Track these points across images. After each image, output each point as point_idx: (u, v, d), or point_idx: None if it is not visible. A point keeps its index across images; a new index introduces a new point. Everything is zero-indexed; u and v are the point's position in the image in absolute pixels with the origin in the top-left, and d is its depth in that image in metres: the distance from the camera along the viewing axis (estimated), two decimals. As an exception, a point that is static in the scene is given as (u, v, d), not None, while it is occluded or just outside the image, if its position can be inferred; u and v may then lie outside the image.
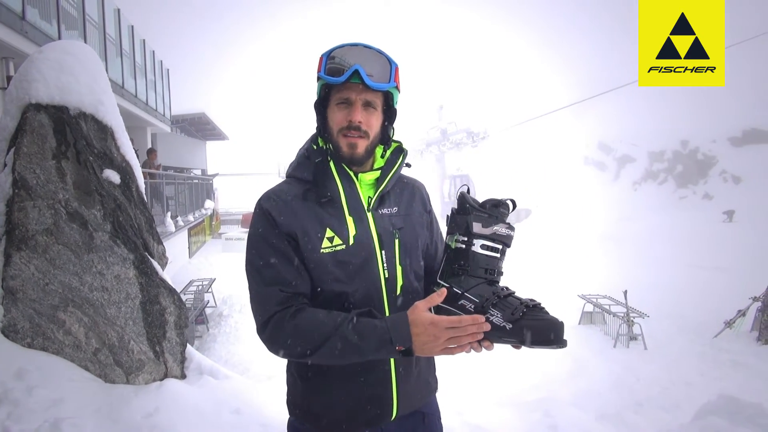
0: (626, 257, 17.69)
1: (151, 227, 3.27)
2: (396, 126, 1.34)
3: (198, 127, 23.20)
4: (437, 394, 1.44)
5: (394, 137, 1.35)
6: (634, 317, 8.64)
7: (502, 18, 71.01)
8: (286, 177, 1.34)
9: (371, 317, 1.14)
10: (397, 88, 1.27)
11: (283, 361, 1.32)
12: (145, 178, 3.68)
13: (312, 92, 1.30)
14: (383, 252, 1.24)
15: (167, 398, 2.83)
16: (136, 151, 3.46)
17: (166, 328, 3.09)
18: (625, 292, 8.87)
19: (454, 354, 1.11)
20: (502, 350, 1.17)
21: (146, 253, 3.08)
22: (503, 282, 1.20)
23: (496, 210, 1.18)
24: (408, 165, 1.36)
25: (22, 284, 2.75)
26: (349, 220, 1.23)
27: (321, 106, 1.29)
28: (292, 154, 1.37)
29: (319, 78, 1.24)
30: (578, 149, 39.78)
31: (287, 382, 1.36)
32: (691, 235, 21.18)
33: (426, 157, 36.76)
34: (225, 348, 7.68)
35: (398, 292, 1.25)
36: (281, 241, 1.20)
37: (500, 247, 1.18)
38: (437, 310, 1.17)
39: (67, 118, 2.81)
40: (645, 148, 36.45)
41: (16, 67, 5.18)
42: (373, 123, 1.25)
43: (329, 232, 1.21)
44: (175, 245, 11.10)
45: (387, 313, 1.22)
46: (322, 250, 1.20)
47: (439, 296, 1.13)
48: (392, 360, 1.24)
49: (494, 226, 1.17)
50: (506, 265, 1.22)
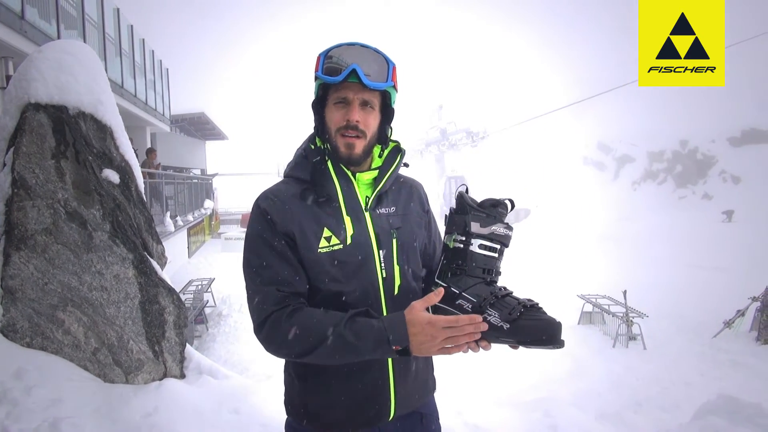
0: (625, 257, 17.71)
1: (150, 227, 3.27)
2: (395, 126, 1.34)
3: (197, 127, 23.18)
4: (436, 395, 1.43)
5: (392, 137, 1.34)
6: (633, 317, 8.65)
7: (501, 18, 71.14)
8: (283, 177, 1.34)
9: (368, 317, 1.13)
10: (394, 87, 1.26)
11: (283, 360, 1.32)
12: (144, 177, 3.68)
13: (311, 92, 1.30)
14: (381, 252, 1.23)
15: (166, 398, 2.83)
16: (135, 151, 3.46)
17: (166, 328, 3.09)
18: (625, 292, 8.88)
19: (452, 354, 1.11)
20: (502, 350, 1.16)
21: (145, 253, 3.08)
22: (501, 282, 1.20)
23: (495, 210, 1.17)
24: (406, 165, 1.35)
25: (21, 284, 2.74)
26: (347, 219, 1.23)
27: (319, 106, 1.28)
28: (291, 154, 1.36)
29: (316, 77, 1.23)
30: (578, 149, 39.79)
31: (285, 382, 1.35)
32: (691, 235, 21.22)
33: (426, 156, 36.81)
34: (224, 347, 7.68)
35: (396, 292, 1.25)
36: (279, 241, 1.20)
37: (498, 247, 1.17)
38: (435, 309, 1.16)
39: (67, 117, 2.81)
40: (644, 148, 36.48)
41: (16, 67, 5.17)
42: (370, 122, 1.24)
43: (327, 232, 1.21)
44: (175, 245, 11.10)
45: (385, 313, 1.21)
46: (319, 250, 1.20)
47: (436, 296, 1.13)
48: (390, 360, 1.23)
49: (492, 225, 1.16)
50: (505, 265, 1.22)
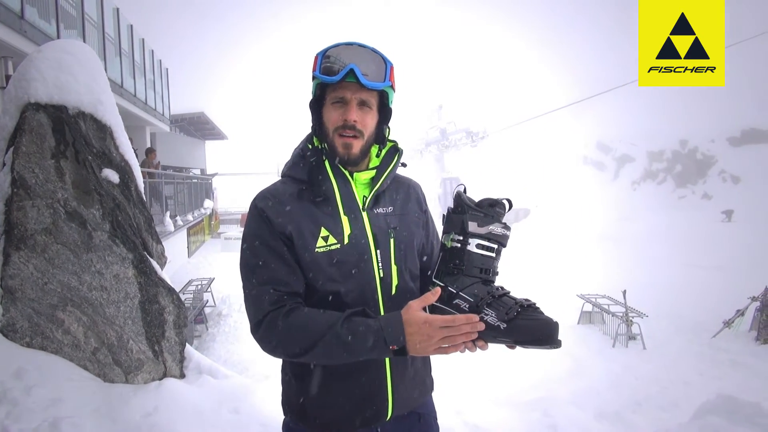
0: (625, 257, 17.72)
1: (150, 226, 3.27)
2: (396, 125, 1.34)
3: (197, 127, 23.17)
4: (435, 394, 1.43)
5: (390, 137, 1.34)
6: (632, 317, 8.65)
7: (501, 18, 71.08)
8: (281, 176, 1.34)
9: (365, 317, 1.13)
10: (392, 87, 1.26)
11: (281, 360, 1.32)
12: (144, 177, 3.68)
13: (310, 92, 1.30)
14: (378, 251, 1.23)
15: (166, 397, 2.83)
16: (135, 151, 3.46)
17: (165, 328, 3.09)
18: (624, 292, 8.89)
19: (448, 353, 1.11)
20: (501, 350, 1.16)
21: (145, 253, 3.08)
22: (501, 281, 1.19)
23: (492, 209, 1.17)
24: (403, 165, 1.35)
25: (20, 283, 2.74)
26: (344, 219, 1.22)
27: (316, 106, 1.28)
28: (290, 154, 1.36)
29: (314, 77, 1.23)
30: (577, 149, 39.83)
31: (282, 382, 1.35)
32: (690, 234, 21.24)
33: (425, 156, 36.82)
34: (224, 347, 7.68)
35: (393, 291, 1.24)
36: (276, 241, 1.20)
37: (496, 246, 1.17)
38: (432, 309, 1.16)
39: (66, 117, 2.80)
40: (644, 148, 36.51)
41: (15, 66, 5.17)
42: (368, 122, 1.24)
43: (324, 232, 1.21)
44: (174, 245, 11.11)
45: (382, 313, 1.21)
46: (316, 250, 1.20)
47: (433, 295, 1.13)
48: (387, 360, 1.23)
49: (490, 225, 1.16)
50: (505, 265, 1.22)
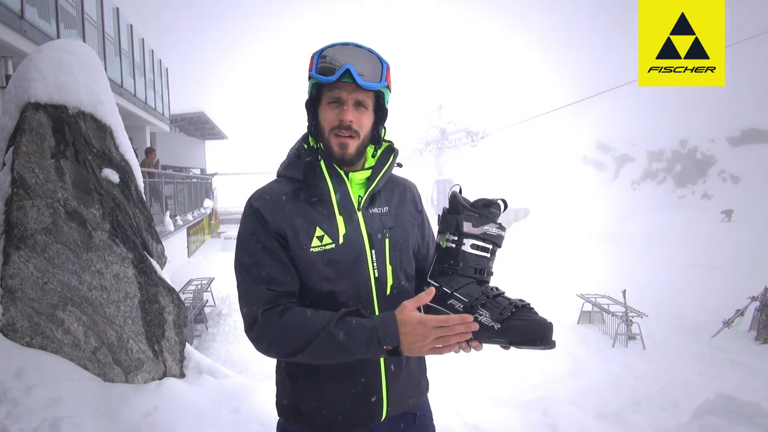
0: (625, 257, 17.73)
1: (149, 226, 3.27)
2: (395, 125, 1.34)
3: (197, 127, 23.17)
4: (434, 394, 1.43)
5: (386, 137, 1.34)
6: (632, 317, 8.66)
7: (501, 18, 71.20)
8: (276, 176, 1.34)
9: (360, 316, 1.13)
10: (388, 87, 1.26)
11: None
12: (144, 177, 3.68)
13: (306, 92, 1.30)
14: (373, 251, 1.23)
15: (166, 397, 2.83)
16: (135, 151, 3.46)
17: (165, 327, 3.09)
18: (624, 292, 8.89)
19: (443, 353, 1.11)
20: (501, 350, 1.17)
21: (145, 252, 3.08)
22: (500, 281, 1.19)
23: (487, 210, 1.17)
24: (399, 165, 1.35)
25: (21, 283, 2.74)
26: (339, 219, 1.22)
27: (312, 105, 1.28)
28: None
29: (310, 77, 1.23)
30: (577, 149, 39.82)
31: (276, 382, 1.35)
32: (690, 234, 21.24)
33: (425, 156, 36.82)
34: (224, 347, 7.68)
35: (388, 291, 1.24)
36: (271, 240, 1.20)
37: (490, 247, 1.17)
38: (426, 309, 1.16)
39: (66, 117, 2.80)
40: (644, 148, 36.50)
41: (15, 66, 5.17)
42: (364, 122, 1.24)
43: (319, 231, 1.20)
44: (174, 244, 11.10)
45: (377, 313, 1.21)
46: (311, 249, 1.19)
47: (427, 295, 1.13)
48: (382, 360, 1.23)
49: (485, 225, 1.16)
50: (506, 265, 1.22)
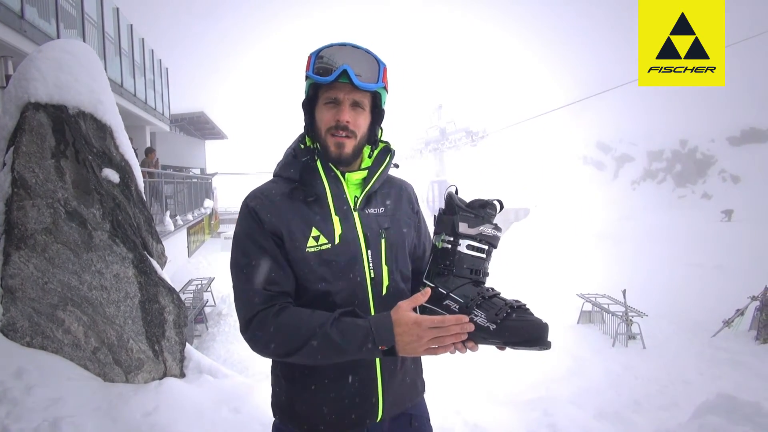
0: (625, 256, 17.73)
1: (150, 226, 3.26)
2: (394, 125, 1.34)
3: (197, 126, 23.16)
4: (432, 394, 1.43)
5: (382, 137, 1.34)
6: (632, 316, 8.66)
7: (501, 18, 71.28)
8: (273, 176, 1.33)
9: (355, 317, 1.13)
10: (385, 88, 1.26)
11: None
12: (144, 177, 3.68)
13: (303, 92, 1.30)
14: (369, 252, 1.23)
15: (166, 397, 2.83)
16: (135, 150, 3.46)
17: (165, 327, 3.09)
18: (624, 292, 8.90)
19: (438, 354, 1.11)
20: (499, 349, 1.17)
21: (145, 252, 3.08)
22: (500, 280, 1.19)
23: (483, 210, 1.17)
24: (396, 165, 1.35)
25: (21, 283, 2.74)
26: (335, 219, 1.22)
27: (309, 106, 1.28)
28: None
29: (307, 77, 1.23)
30: (577, 148, 39.82)
31: (272, 383, 1.34)
32: (690, 234, 21.23)
33: (425, 155, 36.83)
34: (224, 347, 7.69)
35: (384, 292, 1.24)
36: (267, 240, 1.20)
37: (486, 247, 1.17)
38: (422, 309, 1.16)
39: (66, 117, 2.80)
40: (644, 148, 36.50)
41: (15, 66, 5.17)
42: (360, 123, 1.24)
43: (315, 231, 1.20)
44: (174, 244, 11.09)
45: (372, 314, 1.21)
46: (307, 249, 1.19)
47: (423, 296, 1.13)
48: (378, 360, 1.23)
49: (480, 226, 1.15)
50: (506, 264, 1.22)
